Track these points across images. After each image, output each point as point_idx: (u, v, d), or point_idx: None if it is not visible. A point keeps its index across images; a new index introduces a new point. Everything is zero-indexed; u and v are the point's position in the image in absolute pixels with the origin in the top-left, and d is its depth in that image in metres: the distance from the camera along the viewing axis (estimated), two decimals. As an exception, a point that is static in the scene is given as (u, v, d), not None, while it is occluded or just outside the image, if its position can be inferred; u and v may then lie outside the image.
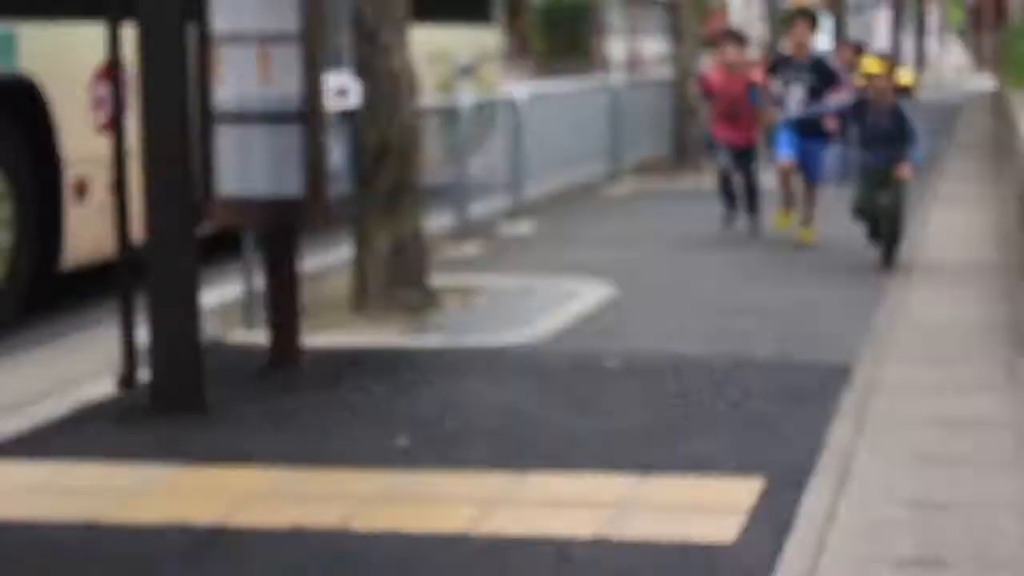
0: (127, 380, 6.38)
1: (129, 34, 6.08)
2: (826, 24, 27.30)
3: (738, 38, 11.96)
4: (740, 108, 11.56)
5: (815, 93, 10.95)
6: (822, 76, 10.98)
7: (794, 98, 11.01)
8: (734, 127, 11.62)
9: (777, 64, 11.35)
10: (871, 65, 9.82)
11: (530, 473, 5.14)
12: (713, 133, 12.03)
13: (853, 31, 33.45)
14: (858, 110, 9.86)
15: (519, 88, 14.44)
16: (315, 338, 7.33)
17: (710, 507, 4.76)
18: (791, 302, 8.42)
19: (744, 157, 11.61)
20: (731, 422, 5.78)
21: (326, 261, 8.65)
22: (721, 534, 4.48)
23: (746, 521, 4.59)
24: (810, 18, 11.36)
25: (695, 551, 4.34)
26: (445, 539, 4.47)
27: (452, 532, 4.53)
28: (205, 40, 6.46)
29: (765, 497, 4.82)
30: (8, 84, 8.12)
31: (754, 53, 18.04)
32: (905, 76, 13.67)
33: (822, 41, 22.85)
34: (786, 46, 11.75)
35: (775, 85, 11.17)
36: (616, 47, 55.13)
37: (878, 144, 9.68)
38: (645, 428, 5.67)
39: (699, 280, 9.27)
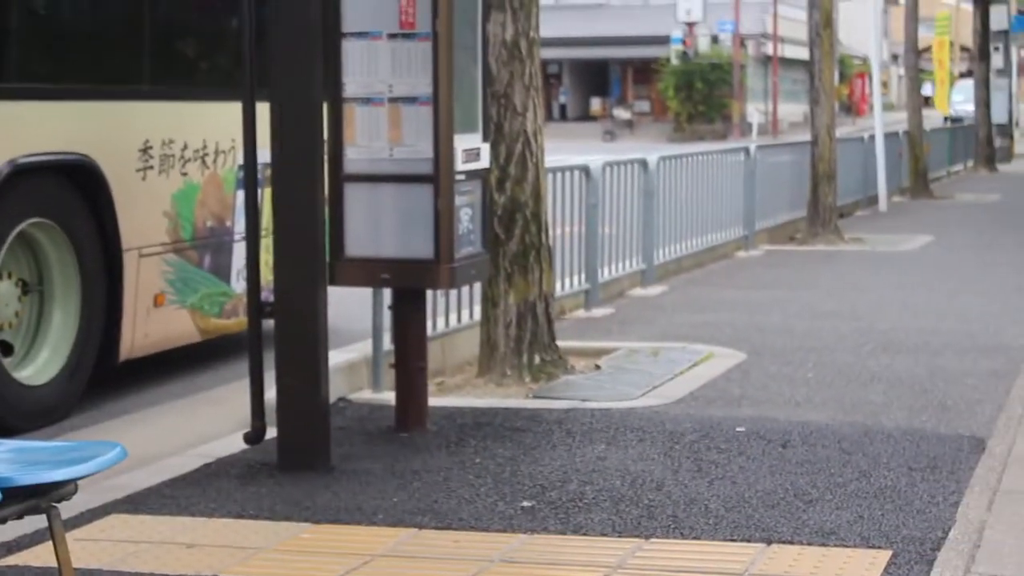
0: (255, 437, 6.44)
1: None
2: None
3: None
4: None
5: None
6: None
7: None
8: None
9: None
10: None
11: (653, 540, 5.10)
12: None
13: None
14: None
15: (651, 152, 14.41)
16: (442, 399, 7.35)
17: (835, 579, 4.68)
18: (925, 371, 8.27)
19: None
20: (859, 493, 5.69)
21: (455, 322, 8.67)
22: (845, 607, 4.40)
23: (871, 595, 4.51)
24: None
25: (818, 624, 4.27)
26: (564, 604, 4.44)
27: (571, 598, 4.50)
28: (337, 102, 6.54)
29: (891, 570, 4.73)
30: None
31: None
32: None
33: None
34: None
35: None
36: (756, 110, 54.95)
37: None
38: (771, 496, 5.59)
39: (831, 348, 9.14)
